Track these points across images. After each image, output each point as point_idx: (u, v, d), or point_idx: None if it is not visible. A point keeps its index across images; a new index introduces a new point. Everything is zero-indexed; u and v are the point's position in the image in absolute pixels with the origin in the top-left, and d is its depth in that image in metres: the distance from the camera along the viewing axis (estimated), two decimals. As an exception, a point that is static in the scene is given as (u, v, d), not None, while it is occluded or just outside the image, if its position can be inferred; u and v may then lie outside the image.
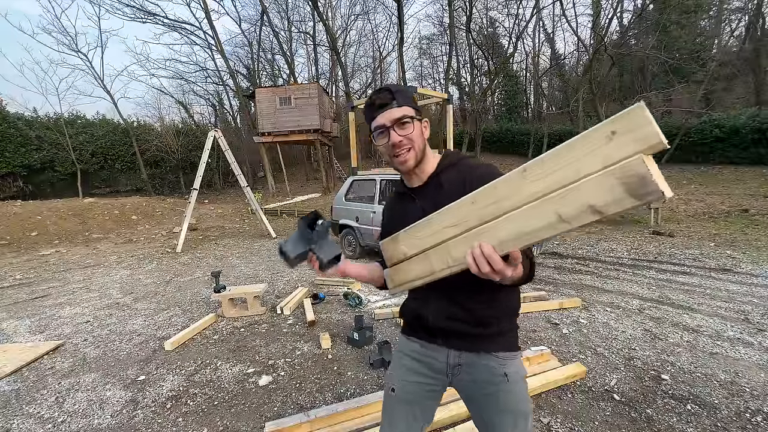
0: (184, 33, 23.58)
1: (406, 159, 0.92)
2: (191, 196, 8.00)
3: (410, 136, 0.90)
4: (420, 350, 0.99)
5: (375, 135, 0.93)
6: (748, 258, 4.92)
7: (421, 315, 0.97)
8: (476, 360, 0.92)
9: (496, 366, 0.91)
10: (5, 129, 19.22)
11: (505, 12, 22.10)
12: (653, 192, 0.51)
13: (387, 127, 0.90)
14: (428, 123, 0.97)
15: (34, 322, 3.79)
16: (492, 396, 0.91)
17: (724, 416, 1.93)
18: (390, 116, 0.89)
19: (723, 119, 13.14)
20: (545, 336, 2.96)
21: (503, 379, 0.90)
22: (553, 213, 0.60)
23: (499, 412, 0.91)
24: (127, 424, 2.08)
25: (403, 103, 0.90)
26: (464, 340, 0.93)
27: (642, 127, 0.51)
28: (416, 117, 0.92)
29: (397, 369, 1.03)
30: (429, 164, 0.98)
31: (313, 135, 17.17)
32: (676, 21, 15.54)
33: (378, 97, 0.91)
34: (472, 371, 0.93)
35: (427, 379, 0.98)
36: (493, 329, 0.92)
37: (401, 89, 0.93)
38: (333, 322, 3.45)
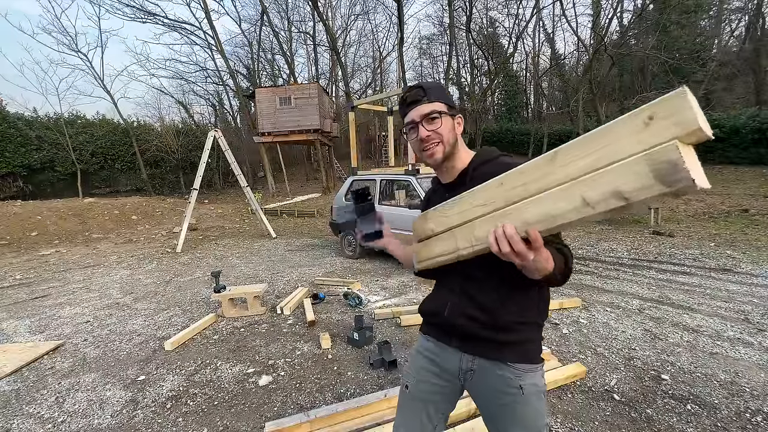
0: (184, 33, 23.58)
1: (434, 152, 0.91)
2: (191, 196, 8.00)
3: (439, 131, 0.89)
4: (434, 349, 0.99)
5: (406, 131, 0.94)
6: (748, 258, 4.92)
7: (438, 311, 0.96)
8: (490, 368, 0.89)
9: (511, 377, 0.86)
10: (5, 129, 19.21)
11: (505, 12, 22.11)
12: (683, 179, 0.49)
13: (416, 122, 0.90)
14: (462, 119, 0.96)
15: (34, 322, 3.79)
16: (505, 408, 0.88)
17: (724, 416, 1.93)
18: (419, 112, 0.90)
19: (723, 119, 13.14)
20: (545, 336, 2.95)
21: (518, 392, 0.86)
22: (578, 196, 0.60)
23: (511, 425, 0.88)
24: (127, 424, 2.08)
25: (434, 99, 0.90)
26: (479, 345, 0.90)
27: (681, 112, 0.50)
28: (447, 112, 0.91)
29: (412, 366, 1.04)
30: (460, 160, 0.96)
31: (313, 135, 17.16)
32: (676, 21, 15.54)
33: (409, 94, 0.92)
34: (486, 380, 0.90)
35: (440, 380, 0.97)
36: (513, 336, 0.87)
37: (434, 85, 0.93)
38: (333, 322, 3.44)
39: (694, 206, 8.93)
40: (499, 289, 0.87)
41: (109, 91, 22.60)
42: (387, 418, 1.93)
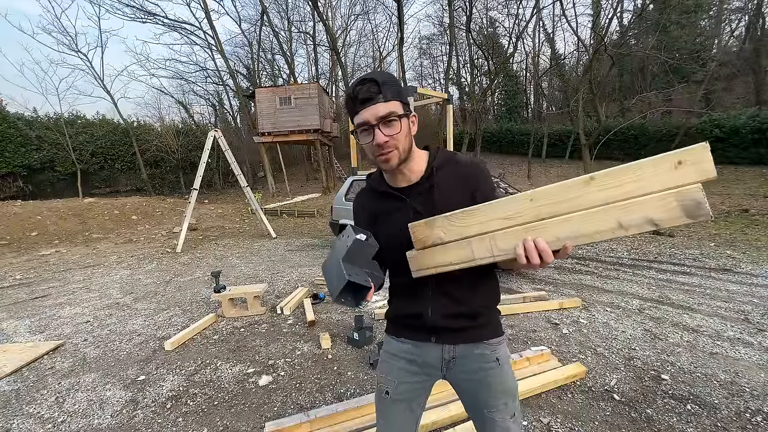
0: (184, 33, 23.58)
1: (389, 158, 0.86)
2: (191, 196, 8.00)
3: (396, 137, 0.84)
4: (413, 350, 0.99)
5: (358, 132, 0.86)
6: (748, 258, 4.92)
7: (418, 314, 0.95)
8: (471, 350, 0.95)
9: (488, 353, 0.95)
10: (5, 129, 19.21)
11: (505, 12, 22.12)
12: (704, 214, 0.63)
13: (372, 125, 0.82)
14: (416, 118, 0.91)
15: (34, 322, 3.79)
16: (485, 380, 0.94)
17: (724, 416, 1.93)
18: (375, 113, 0.82)
19: (723, 119, 13.15)
20: (545, 336, 2.96)
21: (495, 364, 0.94)
22: (614, 220, 0.69)
23: (492, 394, 0.94)
24: (127, 424, 2.08)
25: (390, 98, 0.82)
26: (459, 334, 0.95)
27: (704, 162, 0.63)
28: (403, 113, 0.85)
29: (388, 372, 1.02)
30: (416, 163, 0.93)
31: (313, 135, 17.16)
32: (676, 21, 15.54)
33: (361, 89, 0.82)
34: (466, 361, 0.96)
35: (421, 377, 1.00)
36: (485, 318, 0.96)
37: (388, 79, 0.84)
38: (333, 322, 3.44)
39: (694, 206, 8.93)
40: (473, 283, 0.93)
41: (109, 91, 22.62)
42: (387, 418, 1.93)
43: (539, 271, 4.83)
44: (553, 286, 4.22)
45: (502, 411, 0.94)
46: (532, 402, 2.10)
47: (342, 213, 6.14)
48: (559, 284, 4.29)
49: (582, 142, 12.71)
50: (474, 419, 1.01)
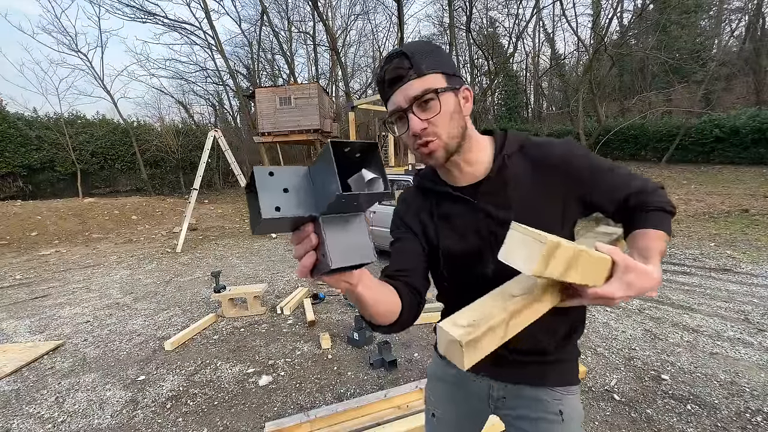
0: (184, 33, 23.57)
1: (431, 150, 0.65)
2: (191, 196, 8.00)
3: (435, 120, 0.62)
4: (457, 375, 0.82)
5: (392, 121, 0.68)
6: (748, 258, 4.91)
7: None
8: (525, 393, 0.76)
9: (549, 401, 0.73)
10: (5, 129, 19.19)
11: (505, 12, 22.10)
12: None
13: (403, 109, 0.63)
14: (470, 91, 0.68)
15: (34, 322, 3.79)
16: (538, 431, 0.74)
17: (724, 416, 1.93)
18: (406, 94, 0.62)
19: (723, 119, 13.14)
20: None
21: (557, 419, 0.73)
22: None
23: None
24: (127, 424, 2.08)
25: (426, 70, 0.61)
26: (513, 369, 0.75)
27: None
28: (447, 87, 0.63)
29: (434, 393, 0.88)
30: (478, 153, 0.70)
31: (313, 135, 17.16)
32: (676, 21, 15.54)
33: (389, 68, 0.63)
34: (519, 405, 0.77)
35: (467, 407, 0.83)
36: (551, 357, 0.74)
37: (421, 48, 0.63)
38: (333, 322, 3.44)
39: (694, 206, 8.94)
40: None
41: (109, 91, 22.62)
42: (387, 418, 1.93)
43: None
44: (553, 286, 4.21)
45: None
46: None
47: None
48: (559, 284, 4.29)
49: (582, 142, 12.72)
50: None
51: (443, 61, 0.64)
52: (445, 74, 0.63)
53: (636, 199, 0.68)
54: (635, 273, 0.55)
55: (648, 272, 0.56)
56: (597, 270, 0.57)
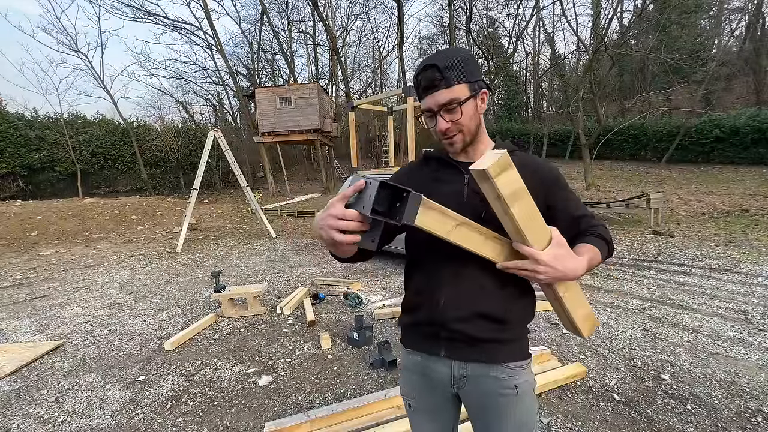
0: (184, 33, 23.60)
1: (454, 142, 0.85)
2: (191, 196, 8.00)
3: (459, 122, 0.81)
4: (421, 362, 0.90)
5: (424, 117, 0.86)
6: (748, 258, 4.92)
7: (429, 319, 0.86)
8: (484, 372, 0.84)
9: (506, 378, 0.82)
10: (5, 129, 19.20)
11: (505, 12, 22.10)
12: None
13: (434, 111, 0.82)
14: (487, 93, 0.84)
15: (34, 322, 3.79)
16: (499, 410, 0.84)
17: (724, 416, 1.93)
18: (436, 101, 0.80)
19: (723, 119, 13.14)
20: (545, 336, 2.96)
21: (512, 392, 0.82)
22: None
23: (504, 427, 0.84)
24: (127, 424, 2.08)
25: (453, 82, 0.78)
26: (470, 346, 0.83)
27: None
28: (469, 95, 0.80)
29: (406, 383, 0.96)
30: (483, 146, 0.89)
31: (313, 135, 17.18)
32: (676, 21, 15.53)
33: (424, 77, 0.80)
34: (479, 383, 0.84)
35: (435, 391, 0.90)
36: (507, 334, 0.83)
37: (451, 62, 0.79)
38: (333, 322, 3.44)
39: (694, 206, 8.94)
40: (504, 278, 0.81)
41: (109, 91, 22.61)
42: (387, 418, 1.93)
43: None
44: (553, 286, 4.21)
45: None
46: (532, 402, 2.10)
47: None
48: (559, 284, 4.29)
49: (582, 142, 12.70)
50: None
51: (468, 70, 0.80)
52: (469, 83, 0.80)
53: (587, 223, 0.88)
54: (565, 250, 0.74)
55: (575, 257, 0.75)
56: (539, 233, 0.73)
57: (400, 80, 23.26)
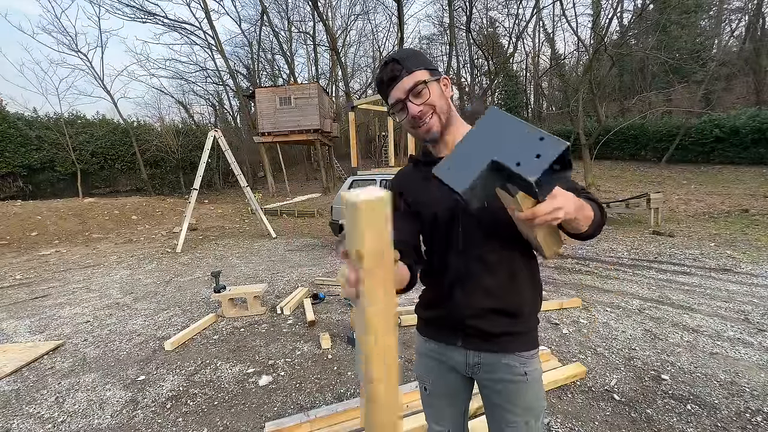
0: (184, 33, 23.60)
1: (430, 126, 0.84)
2: (191, 196, 8.00)
3: (429, 102, 0.82)
4: (437, 350, 0.97)
5: (394, 112, 0.86)
6: (748, 258, 4.92)
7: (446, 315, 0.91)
8: (497, 360, 0.89)
9: (517, 365, 0.88)
10: (5, 129, 19.20)
11: (505, 12, 22.12)
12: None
13: (402, 99, 0.83)
14: (448, 80, 0.87)
15: (34, 322, 3.79)
16: (510, 395, 0.89)
17: (724, 416, 1.93)
18: (402, 88, 0.82)
19: (723, 119, 13.14)
20: (545, 336, 2.96)
21: (523, 379, 0.88)
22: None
23: (515, 410, 0.89)
24: (127, 424, 2.08)
25: (413, 68, 0.82)
26: (485, 340, 0.89)
27: None
28: (431, 78, 0.83)
29: (422, 368, 1.02)
30: (460, 130, 0.88)
31: (313, 135, 17.17)
32: (676, 21, 15.53)
33: (386, 72, 0.84)
34: (492, 370, 0.90)
35: (451, 375, 0.97)
36: (519, 327, 0.88)
37: (408, 53, 0.84)
38: (333, 322, 3.44)
39: (694, 206, 8.94)
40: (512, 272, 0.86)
41: (109, 91, 22.62)
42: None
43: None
44: (553, 286, 4.22)
45: (520, 429, 0.89)
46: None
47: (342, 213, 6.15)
48: (559, 284, 4.29)
49: (582, 142, 12.70)
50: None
51: (423, 60, 0.85)
52: (428, 69, 0.84)
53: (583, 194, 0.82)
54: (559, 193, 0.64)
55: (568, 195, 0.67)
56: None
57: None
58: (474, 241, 0.85)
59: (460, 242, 0.87)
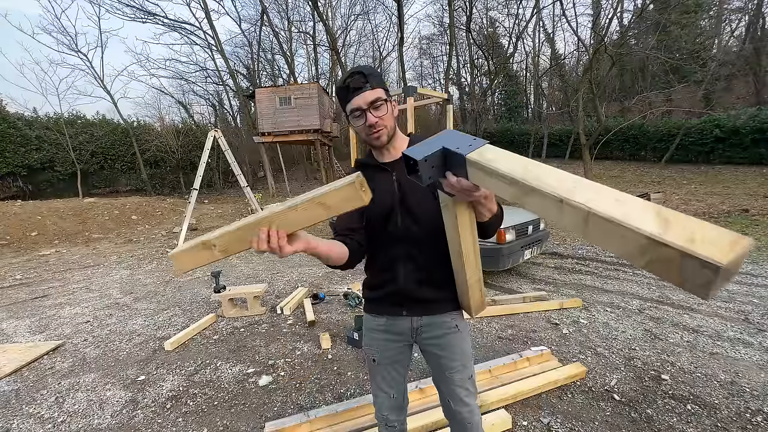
0: (184, 33, 23.53)
1: (380, 136, 1.04)
2: (191, 196, 7.99)
3: (384, 117, 1.01)
4: (386, 323, 1.18)
5: (351, 117, 1.03)
6: (748, 258, 4.91)
7: (392, 281, 1.13)
8: (434, 320, 1.14)
9: (449, 320, 1.15)
10: (5, 129, 19.18)
11: (505, 12, 22.07)
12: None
13: (363, 109, 0.99)
14: (396, 103, 1.07)
15: (34, 322, 3.79)
16: (448, 345, 1.14)
17: (724, 416, 1.93)
18: (364, 99, 0.98)
19: (723, 119, 13.13)
20: (545, 336, 2.96)
21: (456, 330, 1.15)
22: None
23: (452, 356, 1.14)
24: (127, 424, 2.08)
25: (375, 86, 0.99)
26: (425, 306, 1.13)
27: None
28: (387, 98, 1.02)
29: (371, 342, 1.22)
30: (400, 142, 1.11)
31: (313, 135, 17.15)
32: (676, 21, 15.53)
33: (352, 80, 0.99)
34: (431, 328, 1.15)
35: (397, 343, 1.19)
36: (446, 293, 1.13)
37: (372, 71, 1.01)
38: (333, 322, 3.44)
39: (694, 206, 8.93)
40: (436, 253, 1.07)
41: (109, 91, 22.57)
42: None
43: (539, 271, 4.83)
44: (553, 286, 4.21)
45: (460, 371, 1.15)
46: (532, 402, 2.10)
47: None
48: (559, 284, 4.29)
49: (582, 142, 12.69)
50: (439, 384, 1.21)
51: (383, 83, 1.03)
52: (385, 90, 1.03)
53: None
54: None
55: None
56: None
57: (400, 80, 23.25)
58: (410, 229, 1.07)
59: (400, 230, 1.08)
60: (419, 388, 2.10)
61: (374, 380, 1.26)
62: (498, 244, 3.99)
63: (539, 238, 4.66)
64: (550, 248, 6.08)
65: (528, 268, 4.99)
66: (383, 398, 1.24)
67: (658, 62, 15.94)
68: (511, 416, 1.93)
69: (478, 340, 2.95)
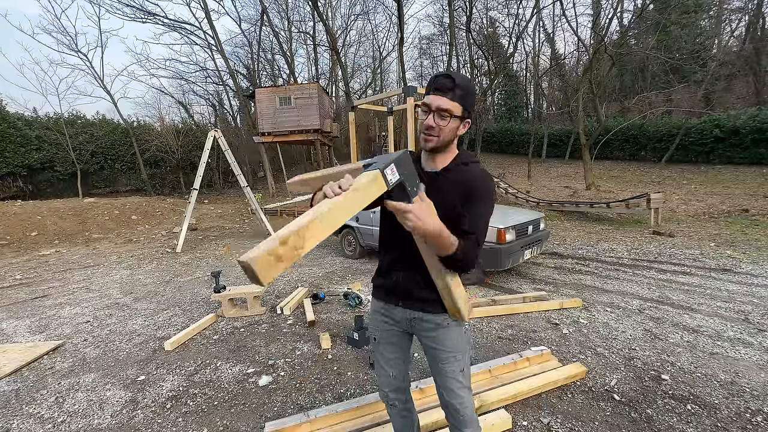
0: (184, 33, 23.52)
1: (429, 141, 1.07)
2: (191, 196, 7.99)
3: (442, 128, 1.04)
4: (385, 308, 1.30)
5: (421, 107, 1.06)
6: (748, 258, 4.92)
7: (393, 286, 1.24)
8: (426, 317, 1.22)
9: (439, 319, 1.22)
10: (5, 129, 19.17)
11: (505, 12, 22.05)
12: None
13: (431, 110, 1.03)
14: (469, 123, 1.09)
15: (34, 322, 3.79)
16: (439, 338, 1.22)
17: (724, 416, 1.93)
18: (437, 103, 1.01)
19: (723, 119, 13.13)
20: (545, 336, 2.96)
21: (445, 324, 1.21)
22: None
23: (445, 349, 1.21)
24: (127, 424, 2.08)
25: (456, 99, 1.01)
26: (418, 302, 1.21)
27: None
28: (459, 116, 1.04)
29: (374, 323, 1.35)
30: (446, 157, 1.14)
31: (313, 135, 17.15)
32: (676, 21, 15.54)
33: (440, 81, 1.02)
34: (423, 324, 1.23)
35: (395, 327, 1.30)
36: (434, 295, 1.19)
37: (463, 84, 1.02)
38: (333, 322, 3.44)
39: (694, 206, 8.93)
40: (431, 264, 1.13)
41: (109, 91, 22.54)
42: (387, 418, 1.92)
43: (539, 271, 4.83)
44: (553, 286, 4.21)
45: (453, 363, 1.21)
46: (532, 402, 2.10)
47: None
48: (559, 284, 4.29)
49: (582, 142, 12.70)
50: (435, 376, 1.28)
51: (469, 101, 1.05)
52: (464, 108, 1.04)
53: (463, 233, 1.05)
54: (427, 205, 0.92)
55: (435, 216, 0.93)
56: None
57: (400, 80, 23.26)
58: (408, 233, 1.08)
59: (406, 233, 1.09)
60: (419, 388, 2.10)
61: (376, 359, 1.38)
62: (498, 244, 4.00)
63: (539, 238, 4.66)
64: (550, 248, 6.08)
65: (528, 268, 4.99)
66: (384, 376, 1.35)
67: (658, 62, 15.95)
68: (511, 416, 1.93)
69: (478, 340, 2.95)
